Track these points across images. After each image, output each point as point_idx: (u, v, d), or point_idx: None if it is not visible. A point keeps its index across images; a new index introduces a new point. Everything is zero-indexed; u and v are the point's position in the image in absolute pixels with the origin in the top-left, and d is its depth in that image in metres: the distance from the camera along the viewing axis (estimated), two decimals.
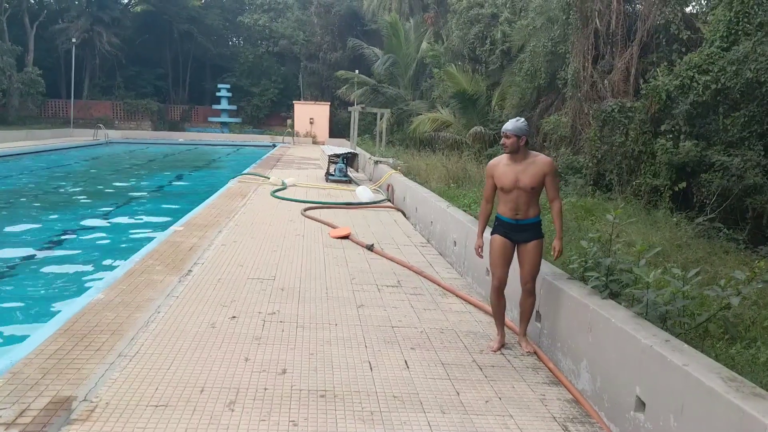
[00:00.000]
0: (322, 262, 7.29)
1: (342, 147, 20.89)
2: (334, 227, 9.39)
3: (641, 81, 10.15)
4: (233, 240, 8.25)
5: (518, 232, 4.63)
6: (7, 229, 10.81)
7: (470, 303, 5.92)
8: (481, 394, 4.01)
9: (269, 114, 43.15)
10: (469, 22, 19.13)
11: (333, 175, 15.89)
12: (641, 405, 3.34)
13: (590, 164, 10.26)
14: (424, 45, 25.83)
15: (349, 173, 16.19)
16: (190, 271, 6.58)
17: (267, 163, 21.07)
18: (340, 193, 13.73)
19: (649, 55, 10.64)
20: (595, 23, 11.10)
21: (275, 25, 42.42)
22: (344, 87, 31.29)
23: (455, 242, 7.38)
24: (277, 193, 12.84)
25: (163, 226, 10.97)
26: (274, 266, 7.00)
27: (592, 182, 10.16)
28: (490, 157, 14.53)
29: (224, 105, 40.87)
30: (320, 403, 3.78)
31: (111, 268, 7.79)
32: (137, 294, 5.67)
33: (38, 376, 3.91)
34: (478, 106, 17.60)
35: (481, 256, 4.99)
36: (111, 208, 13.50)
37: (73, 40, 36.63)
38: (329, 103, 37.64)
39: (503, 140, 4.61)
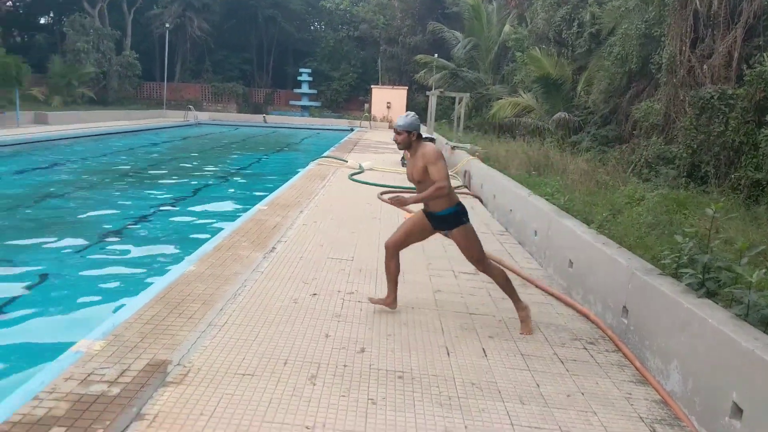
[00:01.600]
0: None
1: None
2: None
3: (745, 67, 9.49)
4: (313, 220, 8.45)
5: (437, 222, 4.80)
6: (105, 203, 11.55)
7: (551, 294, 5.79)
8: (562, 388, 3.93)
9: (348, 98, 43.62)
10: (556, 4, 18.50)
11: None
12: (738, 411, 3.16)
13: (684, 155, 9.73)
14: (507, 28, 25.24)
15: None
16: (273, 248, 6.79)
17: (345, 147, 21.36)
18: None
19: (755, 39, 9.91)
20: (695, 4, 10.43)
21: (356, 9, 42.67)
22: (423, 71, 31.11)
23: (536, 232, 7.24)
24: (354, 177, 13.00)
25: (247, 204, 11.39)
26: (352, 247, 7.11)
27: (685, 174, 9.64)
28: (574, 144, 14.11)
29: (305, 89, 41.63)
30: (398, 383, 3.83)
31: (200, 241, 8.18)
32: (225, 268, 5.93)
33: (137, 339, 4.18)
34: (562, 92, 17.06)
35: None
36: (199, 186, 14.11)
37: (167, 25, 38.33)
38: (407, 88, 37.57)
39: (395, 137, 4.73)
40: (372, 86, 38.61)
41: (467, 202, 10.76)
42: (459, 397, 3.70)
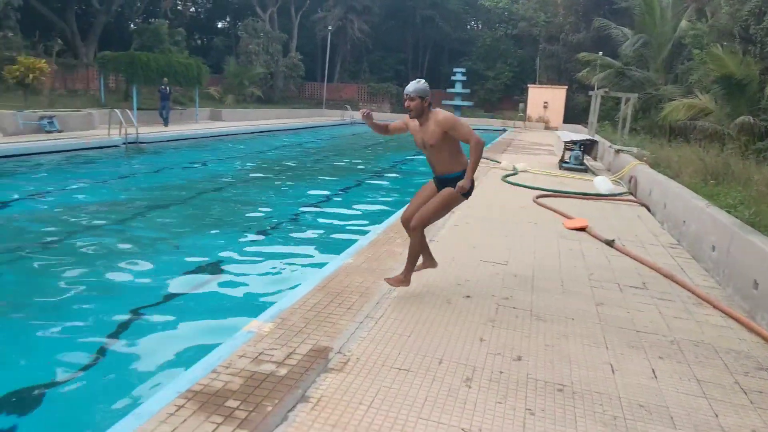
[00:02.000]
0: (557, 253, 7.04)
1: (578, 133, 19.91)
2: (569, 217, 9.01)
3: None
4: (465, 222, 8.38)
5: (443, 185, 4.95)
6: (270, 195, 12.41)
7: (732, 317, 5.21)
8: (745, 422, 3.51)
9: (501, 98, 42.95)
10: None
11: (567, 162, 15.23)
12: None
13: None
14: (684, 23, 23.20)
15: (585, 162, 15.38)
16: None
17: (497, 148, 21.01)
18: (574, 182, 13.13)
19: None
20: None
21: (515, 7, 41.86)
22: (585, 70, 29.64)
23: (714, 247, 6.56)
24: (508, 178, 12.73)
25: (398, 202, 11.63)
26: (506, 251, 6.95)
27: None
28: (760, 152, 12.61)
29: (458, 89, 41.63)
30: (557, 396, 3.66)
31: (354, 236, 8.49)
32: (380, 262, 6.08)
33: (301, 324, 4.41)
34: (747, 93, 15.30)
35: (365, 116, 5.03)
36: (352, 183, 14.67)
37: (329, 27, 40.37)
38: (566, 87, 36.11)
39: (407, 103, 4.78)
40: (528, 85, 37.64)
41: (633, 210, 10.13)
42: (625, 418, 3.45)
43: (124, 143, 18.21)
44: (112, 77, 28.60)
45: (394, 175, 16.83)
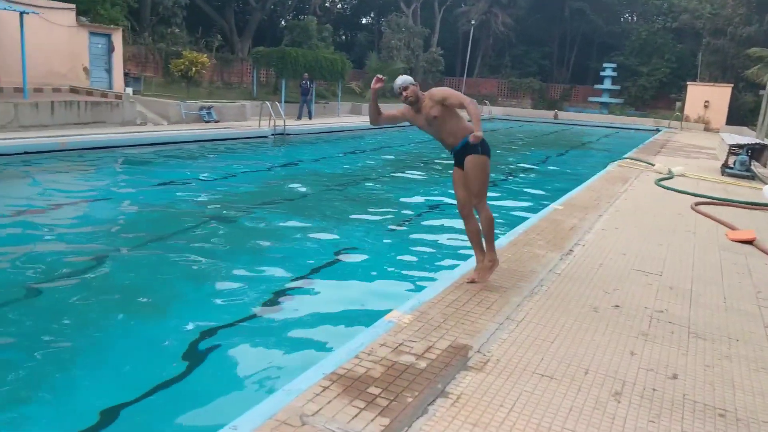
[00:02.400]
0: (718, 267, 6.42)
1: (743, 136, 18.05)
2: (733, 228, 8.19)
3: None
4: (614, 226, 7.91)
5: (459, 157, 5.06)
6: (405, 188, 12.57)
7: None
8: None
9: (655, 96, 40.04)
10: None
11: (731, 168, 13.86)
12: None
13: None
14: None
15: (753, 168, 13.89)
16: (570, 250, 6.55)
17: (649, 149, 19.63)
18: (739, 189, 11.91)
19: None
20: None
21: None
22: (756, 67, 26.85)
23: None
24: (662, 182, 11.84)
25: (535, 202, 11.25)
26: (660, 261, 6.46)
27: None
28: None
29: (607, 85, 39.48)
30: (719, 422, 3.33)
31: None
32: (521, 264, 5.91)
33: (440, 320, 4.40)
34: None
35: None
36: (492, 178, 14.42)
37: (472, 21, 40.03)
38: (731, 86, 32.88)
39: (405, 93, 4.94)
40: (687, 83, 34.76)
41: None
42: None
43: (273, 134, 19.35)
44: (264, 71, 30.49)
45: (531, 174, 16.33)
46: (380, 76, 5.16)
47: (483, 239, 5.17)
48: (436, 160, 17.47)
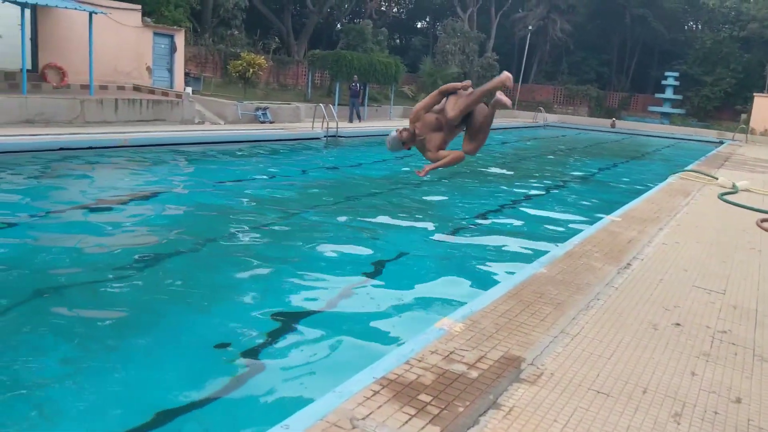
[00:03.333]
0: None
1: None
2: None
3: None
4: (675, 240, 7.63)
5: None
6: (453, 196, 12.48)
7: None
8: None
9: (719, 107, 38.54)
10: None
11: None
12: None
13: None
14: None
15: None
16: (629, 264, 6.35)
17: (712, 162, 18.90)
18: None
19: None
20: None
21: (746, 6, 37.22)
22: None
23: None
24: (726, 197, 11.36)
25: (590, 213, 10.98)
26: (723, 279, 6.19)
27: None
28: None
29: (668, 94, 38.26)
30: None
31: (543, 243, 8.17)
32: (576, 276, 5.76)
33: (492, 330, 4.33)
34: None
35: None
36: (542, 188, 14.17)
37: (530, 27, 39.49)
38: None
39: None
40: (755, 94, 33.31)
41: None
42: None
43: (325, 136, 19.55)
44: (318, 74, 30.85)
45: (587, 184, 15.95)
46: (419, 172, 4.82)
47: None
48: (485, 168, 17.29)
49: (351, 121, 24.03)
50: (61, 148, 12.37)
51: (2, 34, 16.49)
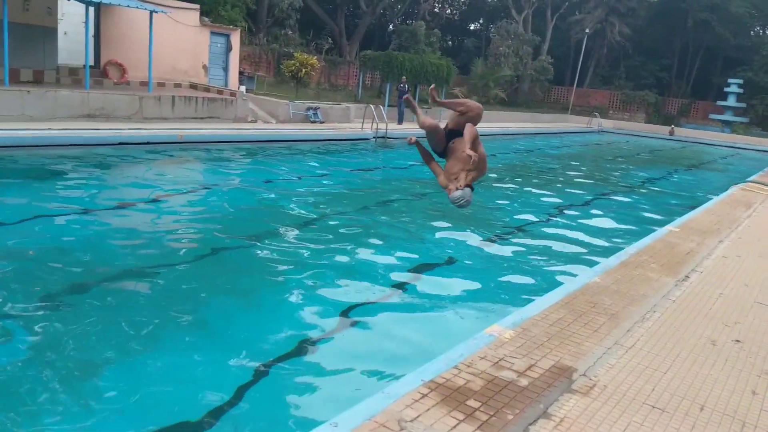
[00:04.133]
0: None
1: None
2: None
3: None
4: (736, 254, 7.33)
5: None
6: (501, 200, 12.30)
7: None
8: None
9: None
10: None
11: None
12: None
13: None
14: None
15: None
16: (687, 276, 6.13)
17: None
18: None
19: None
20: None
21: None
22: None
23: None
24: None
25: (644, 222, 10.65)
26: None
27: None
28: None
29: (731, 102, 36.81)
30: None
31: (595, 252, 7.97)
32: (631, 286, 5.60)
33: (543, 338, 4.25)
34: None
35: None
36: (593, 195, 13.83)
37: (587, 30, 38.61)
38: None
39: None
40: None
41: None
42: None
43: (374, 137, 19.59)
44: (369, 74, 30.95)
45: (643, 192, 15.48)
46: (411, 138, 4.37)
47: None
48: (537, 172, 17.01)
49: (401, 122, 23.98)
50: (120, 143, 12.79)
51: (67, 32, 17.19)
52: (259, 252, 7.18)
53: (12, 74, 14.13)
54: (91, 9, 15.70)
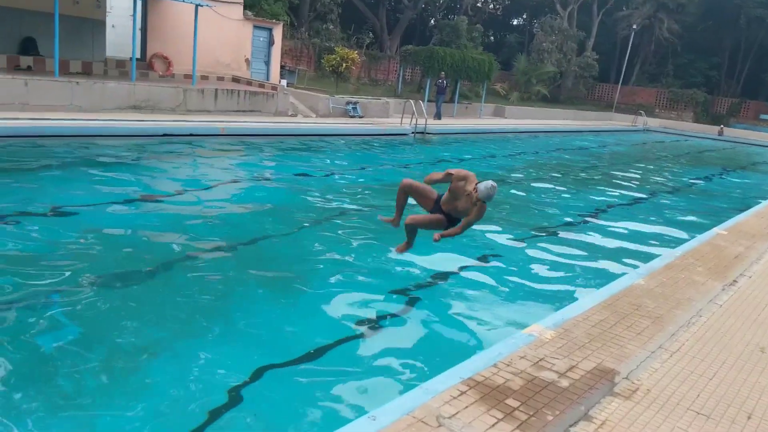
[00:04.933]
0: None
1: None
2: None
3: None
4: None
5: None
6: (543, 198, 12.11)
7: None
8: None
9: None
10: None
11: None
12: None
13: None
14: None
15: None
16: (735, 281, 5.94)
17: None
18: None
19: None
20: None
21: None
22: None
23: None
24: None
25: (689, 225, 10.35)
26: None
27: None
28: None
29: None
30: None
31: (637, 254, 7.79)
32: (676, 290, 5.45)
33: (584, 340, 4.17)
34: None
35: None
36: (638, 198, 13.51)
37: (634, 26, 37.63)
38: None
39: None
40: None
41: None
42: None
43: (413, 132, 19.53)
44: (409, 69, 30.84)
45: (690, 194, 15.06)
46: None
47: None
48: (579, 170, 16.71)
49: (440, 117, 23.86)
50: (164, 134, 13.07)
51: (115, 25, 17.64)
52: (298, 244, 7.25)
53: (62, 66, 14.55)
54: (139, 2, 16.07)
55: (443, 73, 24.28)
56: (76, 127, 11.71)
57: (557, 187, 13.55)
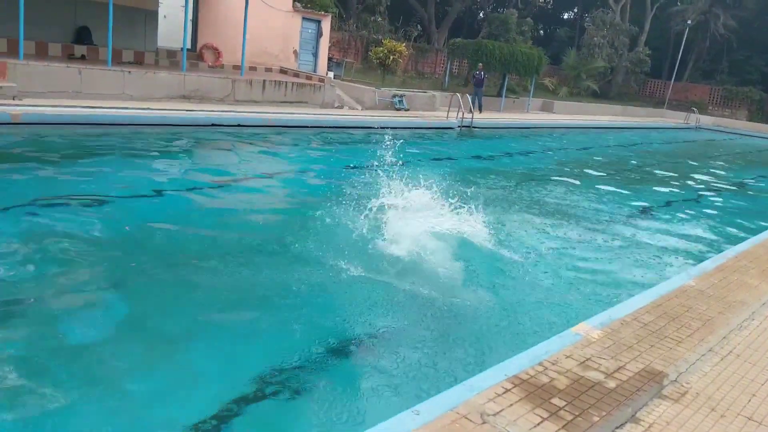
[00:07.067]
0: None
1: None
2: None
3: None
4: None
5: None
6: (593, 195, 11.88)
7: None
8: None
9: None
10: None
11: None
12: None
13: None
14: None
15: None
16: None
17: None
18: None
19: None
20: None
21: None
22: None
23: None
24: None
25: (749, 226, 10.01)
26: None
27: None
28: None
29: None
30: None
31: (686, 254, 7.58)
32: (728, 292, 5.31)
33: (632, 341, 4.11)
34: None
35: None
36: (688, 197, 13.13)
37: (688, 21, 36.43)
38: None
39: None
40: None
41: None
42: None
43: (459, 126, 19.42)
44: (456, 63, 30.60)
45: (746, 193, 14.55)
46: None
47: None
48: (628, 168, 16.33)
49: (480, 111, 23.57)
50: (212, 124, 13.35)
51: (166, 15, 18.04)
52: (344, 235, 7.29)
53: (115, 55, 14.98)
54: None
55: (481, 65, 23.97)
56: (127, 115, 12.06)
57: (607, 185, 13.28)
